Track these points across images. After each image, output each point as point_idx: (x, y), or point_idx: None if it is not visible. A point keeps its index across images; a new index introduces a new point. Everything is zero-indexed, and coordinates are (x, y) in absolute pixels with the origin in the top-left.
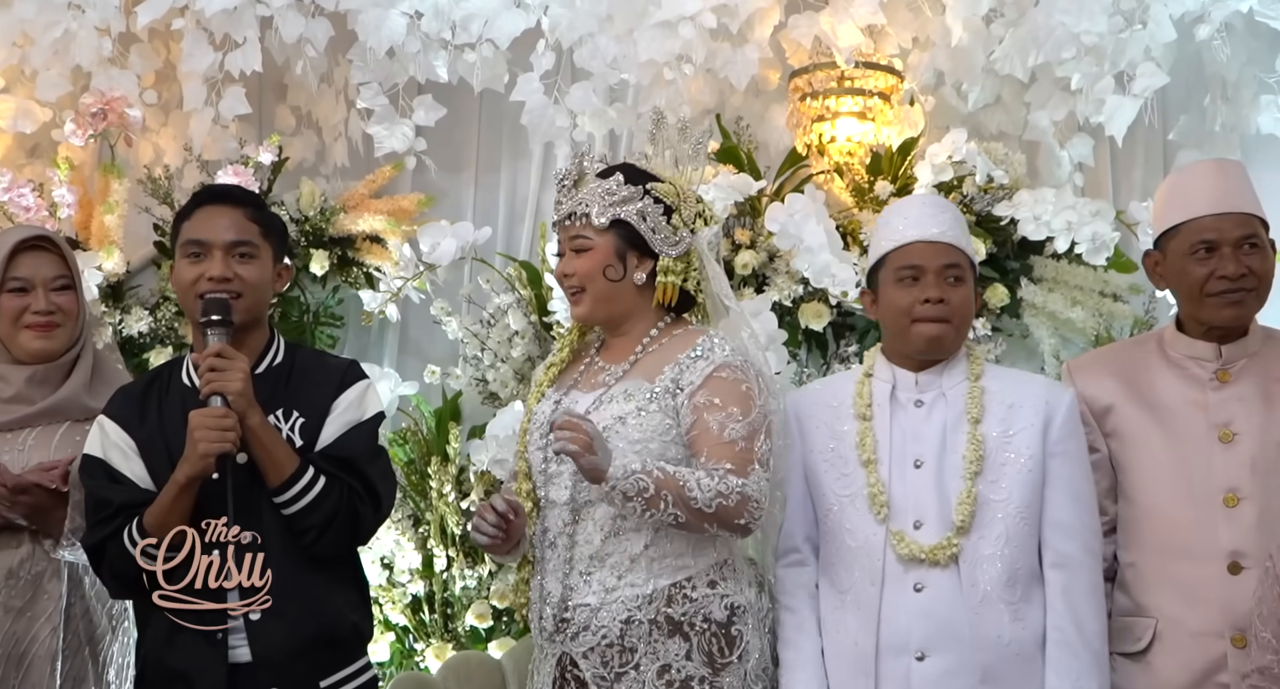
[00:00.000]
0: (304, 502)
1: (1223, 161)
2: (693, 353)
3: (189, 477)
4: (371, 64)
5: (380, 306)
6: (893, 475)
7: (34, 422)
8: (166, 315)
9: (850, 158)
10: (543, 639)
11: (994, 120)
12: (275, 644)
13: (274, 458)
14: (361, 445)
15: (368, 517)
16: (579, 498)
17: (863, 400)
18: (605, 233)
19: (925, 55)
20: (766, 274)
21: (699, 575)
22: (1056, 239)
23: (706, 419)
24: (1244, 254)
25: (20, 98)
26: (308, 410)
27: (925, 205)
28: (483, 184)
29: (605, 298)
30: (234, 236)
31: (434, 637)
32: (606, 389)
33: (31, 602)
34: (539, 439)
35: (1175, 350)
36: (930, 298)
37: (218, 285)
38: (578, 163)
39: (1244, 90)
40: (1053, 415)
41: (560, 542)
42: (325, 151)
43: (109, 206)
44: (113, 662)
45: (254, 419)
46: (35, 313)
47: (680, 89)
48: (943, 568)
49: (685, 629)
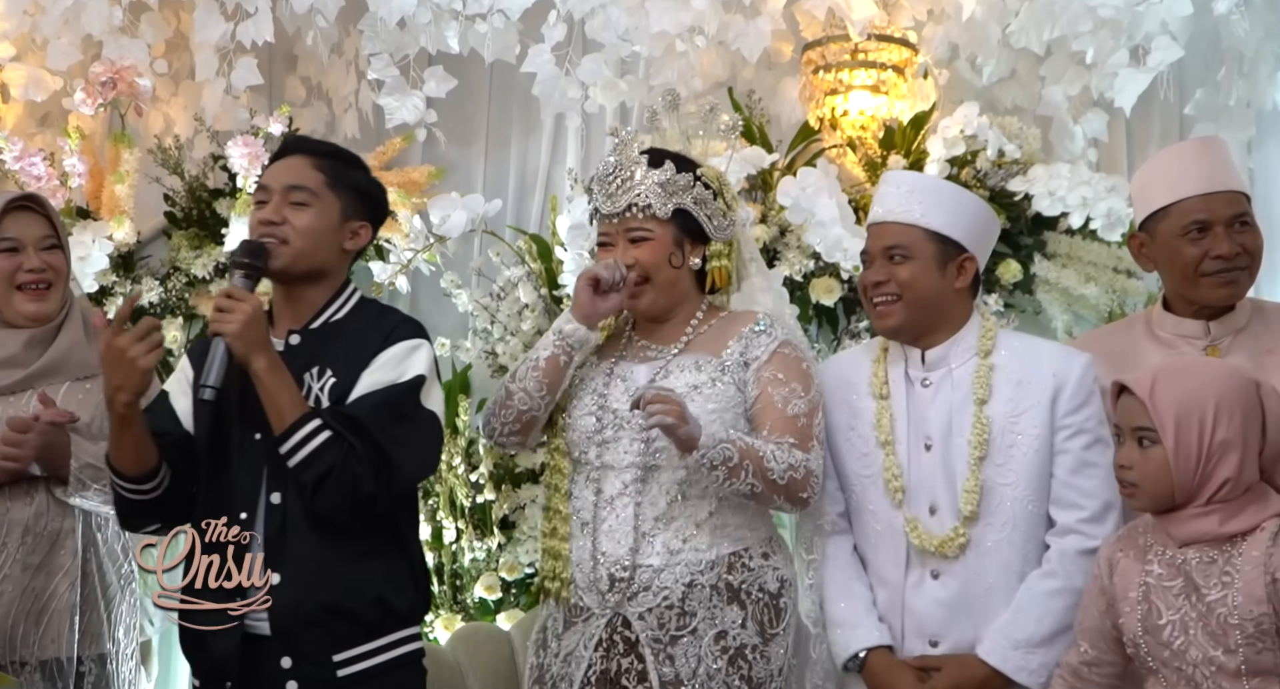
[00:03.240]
0: (300, 454)
1: (1205, 139)
2: (756, 327)
3: (126, 402)
4: (382, 35)
5: (390, 278)
6: (910, 457)
7: (33, 383)
8: (177, 285)
9: (863, 132)
10: (589, 599)
11: (1009, 94)
12: (287, 608)
13: (275, 404)
14: (373, 405)
15: (366, 479)
16: (647, 462)
17: (879, 379)
18: (666, 223)
19: (940, 28)
20: (778, 249)
21: (755, 546)
22: (1071, 215)
23: (771, 393)
24: (1236, 233)
25: (31, 66)
26: (341, 370)
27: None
28: (493, 156)
29: (667, 286)
30: (290, 181)
31: (443, 608)
32: (664, 362)
33: (49, 557)
34: (591, 405)
35: (1164, 330)
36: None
37: (266, 228)
38: (622, 153)
39: (1261, 65)
40: (1061, 387)
41: (620, 503)
42: (335, 123)
43: (119, 176)
44: (121, 620)
45: (258, 363)
46: (29, 271)
47: (692, 61)
48: (953, 559)
49: (743, 597)
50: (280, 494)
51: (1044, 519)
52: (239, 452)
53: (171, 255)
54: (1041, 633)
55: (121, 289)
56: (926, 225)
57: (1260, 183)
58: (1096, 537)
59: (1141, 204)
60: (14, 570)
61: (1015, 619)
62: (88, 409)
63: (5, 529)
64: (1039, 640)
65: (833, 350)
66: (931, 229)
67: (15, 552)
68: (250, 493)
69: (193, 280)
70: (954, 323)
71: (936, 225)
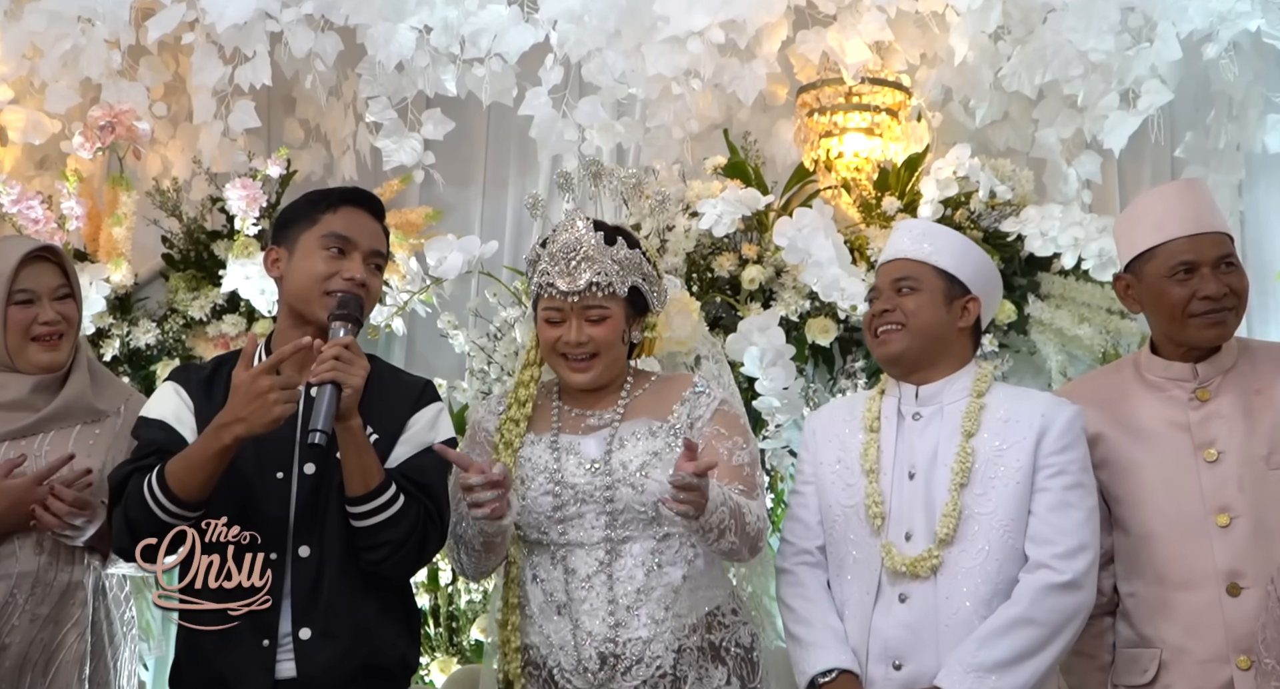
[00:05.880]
0: (384, 516)
1: (1189, 181)
2: (695, 389)
3: (238, 437)
4: (380, 78)
5: (387, 320)
6: (893, 487)
7: (45, 426)
8: (174, 327)
9: (858, 173)
10: (578, 682)
11: (1002, 137)
12: (323, 665)
13: (364, 464)
14: (441, 471)
15: (434, 541)
16: (616, 535)
17: (871, 413)
18: (621, 301)
19: (933, 72)
20: (773, 289)
21: (725, 603)
22: (1063, 255)
23: (716, 446)
24: (1222, 273)
25: (30, 109)
26: (380, 426)
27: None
28: (490, 198)
29: (614, 362)
30: (376, 245)
31: (439, 650)
32: (612, 431)
33: (59, 608)
34: (545, 483)
35: (1152, 373)
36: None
37: (354, 287)
38: (577, 230)
39: (1250, 109)
40: (1048, 428)
41: (597, 580)
42: (333, 165)
43: (117, 219)
44: (124, 668)
45: (355, 419)
46: (43, 324)
47: (688, 104)
48: (923, 580)
49: (723, 654)
50: (309, 547)
51: (1019, 555)
52: (263, 490)
53: (169, 297)
54: (996, 658)
55: (118, 331)
56: (935, 263)
57: (1251, 225)
58: (1066, 572)
59: (1127, 246)
60: (22, 622)
61: (974, 645)
62: (99, 453)
63: (14, 580)
64: (992, 665)
65: (828, 390)
66: (939, 267)
67: (24, 603)
68: (276, 536)
69: (190, 322)
70: (952, 362)
71: (944, 264)
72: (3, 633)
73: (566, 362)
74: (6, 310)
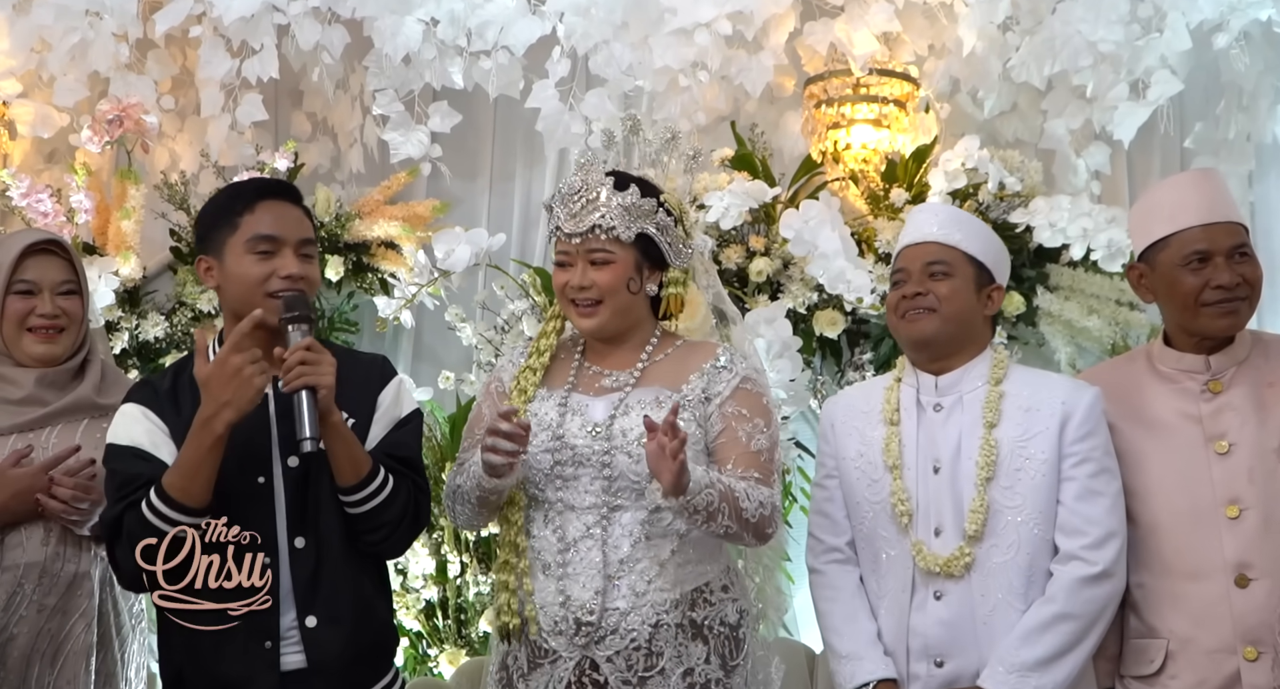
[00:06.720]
0: (378, 500)
1: (1204, 171)
2: (716, 363)
3: (228, 422)
4: (387, 70)
5: (395, 313)
6: (918, 481)
7: (53, 420)
8: (182, 320)
9: (865, 165)
10: (556, 642)
11: (1010, 128)
12: (334, 651)
13: (353, 454)
14: (415, 443)
15: (425, 511)
16: (609, 503)
17: (890, 406)
18: (628, 246)
19: (941, 63)
20: (781, 281)
21: (715, 580)
22: (1072, 246)
23: (735, 428)
24: (1236, 263)
25: (38, 103)
26: (354, 410)
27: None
28: (497, 190)
29: (622, 310)
30: (303, 234)
31: (448, 643)
32: (622, 396)
33: (65, 599)
34: (547, 440)
35: (1165, 364)
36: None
37: (293, 283)
38: (588, 175)
39: (1261, 99)
40: (1070, 415)
41: (585, 545)
42: (341, 158)
43: (125, 212)
44: (132, 660)
45: (336, 415)
46: (40, 316)
47: (695, 96)
48: (957, 579)
49: (705, 632)
50: (304, 538)
51: (1050, 545)
52: (248, 498)
53: (177, 290)
54: (1037, 657)
55: (127, 324)
56: (966, 249)
57: (1261, 216)
58: (1098, 563)
59: (1140, 235)
60: (30, 612)
61: (1014, 644)
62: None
63: (21, 571)
64: (1033, 664)
65: (836, 382)
66: (971, 254)
67: (31, 593)
68: (268, 536)
69: (198, 315)
70: (973, 349)
71: (974, 251)
72: (10, 623)
73: (575, 307)
74: (5, 300)
